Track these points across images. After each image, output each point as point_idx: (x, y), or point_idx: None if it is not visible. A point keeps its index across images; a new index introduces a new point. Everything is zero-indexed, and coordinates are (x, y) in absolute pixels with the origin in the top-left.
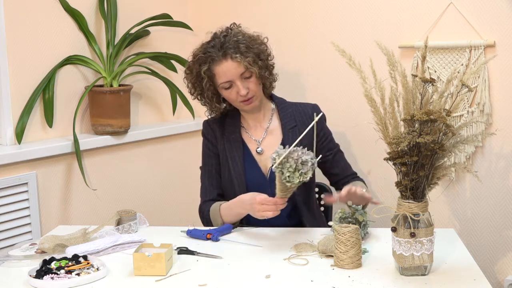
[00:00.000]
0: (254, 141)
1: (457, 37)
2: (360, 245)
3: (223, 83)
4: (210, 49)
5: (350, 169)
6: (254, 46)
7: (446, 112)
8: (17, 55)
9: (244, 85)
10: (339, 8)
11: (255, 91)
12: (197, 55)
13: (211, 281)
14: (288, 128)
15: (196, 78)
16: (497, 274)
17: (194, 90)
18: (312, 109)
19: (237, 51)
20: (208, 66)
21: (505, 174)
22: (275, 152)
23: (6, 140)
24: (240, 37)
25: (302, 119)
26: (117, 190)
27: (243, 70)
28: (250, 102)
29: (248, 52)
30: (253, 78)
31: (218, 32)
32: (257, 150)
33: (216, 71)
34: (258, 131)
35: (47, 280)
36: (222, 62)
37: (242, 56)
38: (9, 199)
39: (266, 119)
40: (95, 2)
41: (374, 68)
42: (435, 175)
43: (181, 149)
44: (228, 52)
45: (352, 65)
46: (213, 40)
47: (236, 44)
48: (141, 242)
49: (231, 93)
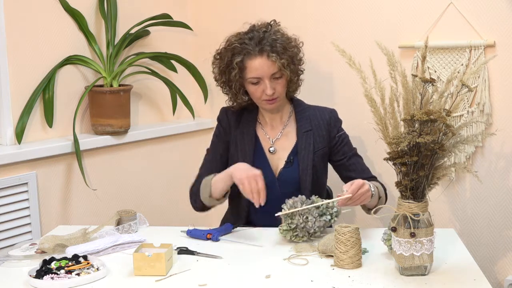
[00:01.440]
0: (268, 139)
1: (457, 37)
2: (360, 245)
3: (252, 78)
4: (247, 41)
5: (368, 172)
6: (290, 48)
7: (446, 112)
8: (17, 55)
9: (272, 85)
10: (339, 8)
11: (281, 93)
12: (232, 44)
13: (211, 281)
14: (303, 131)
15: (226, 67)
16: (497, 274)
17: (220, 77)
18: (330, 113)
19: (274, 50)
20: (242, 58)
21: (505, 174)
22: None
23: (6, 140)
24: (278, 36)
25: (318, 123)
26: (117, 190)
27: (276, 70)
28: (273, 102)
29: (284, 53)
30: (282, 80)
31: (257, 25)
32: (269, 149)
33: (248, 65)
34: (274, 130)
35: (47, 280)
36: (257, 57)
37: (278, 57)
38: (9, 199)
39: (283, 120)
40: (95, 2)
41: (374, 68)
42: (435, 175)
43: (181, 149)
44: (265, 48)
45: (352, 65)
46: (251, 32)
47: (274, 43)
48: (141, 242)
49: (256, 90)
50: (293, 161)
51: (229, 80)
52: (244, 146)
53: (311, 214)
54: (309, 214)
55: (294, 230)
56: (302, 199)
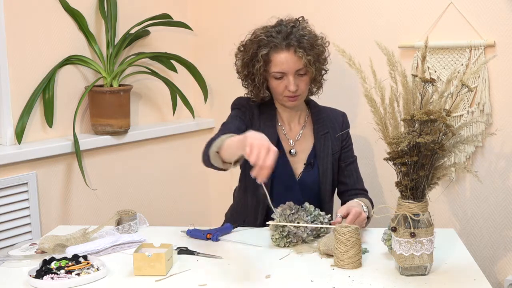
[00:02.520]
0: (288, 140)
1: (457, 37)
2: (360, 245)
3: (276, 73)
4: (274, 34)
5: (361, 183)
6: (317, 46)
7: (446, 112)
8: (17, 55)
9: (295, 81)
10: (339, 8)
11: (303, 90)
12: (258, 36)
13: (211, 281)
14: (321, 134)
15: (251, 59)
16: (497, 274)
17: (242, 69)
18: (342, 116)
19: (301, 45)
20: (268, 51)
21: (505, 174)
22: (276, 213)
23: (6, 140)
24: (306, 32)
25: (333, 126)
26: (117, 190)
27: (301, 66)
28: (294, 99)
29: (311, 50)
30: (306, 77)
31: (285, 20)
32: (290, 151)
33: (274, 58)
34: (293, 131)
35: (47, 280)
36: (284, 51)
37: (305, 53)
38: (9, 199)
39: (301, 121)
40: (95, 2)
41: (374, 68)
42: (435, 175)
43: (181, 149)
44: (292, 43)
45: (352, 65)
46: (279, 26)
47: (301, 39)
48: (141, 242)
49: (279, 85)
50: (313, 164)
51: (252, 73)
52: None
53: (302, 219)
54: (300, 219)
55: (287, 236)
56: (290, 205)
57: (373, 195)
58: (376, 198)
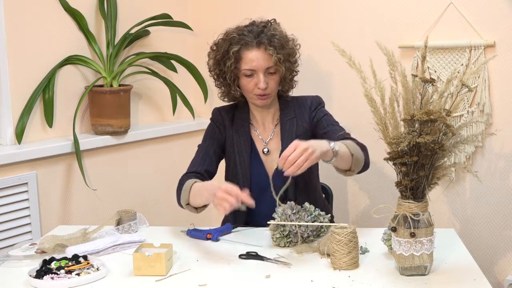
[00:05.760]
0: (261, 140)
1: (457, 37)
2: (357, 245)
3: (246, 70)
4: (246, 33)
5: (344, 134)
6: (287, 46)
7: (446, 112)
8: (17, 55)
9: (265, 79)
10: (339, 8)
11: (273, 89)
12: (230, 34)
13: (211, 281)
14: (286, 119)
15: (222, 57)
16: (497, 274)
17: (214, 68)
18: (311, 99)
19: (271, 44)
20: (239, 48)
21: (505, 174)
22: (277, 212)
23: (6, 140)
24: (277, 33)
25: (301, 110)
26: (117, 190)
27: (271, 64)
28: (264, 98)
29: (282, 49)
30: (276, 76)
31: (257, 21)
32: (263, 151)
33: (244, 56)
34: (266, 131)
35: (47, 280)
36: (254, 49)
37: (275, 51)
38: (9, 199)
39: (274, 119)
40: (95, 2)
41: (374, 68)
42: (435, 175)
43: (181, 149)
44: (263, 41)
45: (352, 65)
46: (251, 26)
47: (272, 38)
48: (141, 242)
49: (250, 82)
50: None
51: (224, 71)
52: (240, 146)
53: (303, 219)
54: (301, 219)
55: (287, 236)
56: (291, 205)
57: (373, 195)
58: (376, 198)
